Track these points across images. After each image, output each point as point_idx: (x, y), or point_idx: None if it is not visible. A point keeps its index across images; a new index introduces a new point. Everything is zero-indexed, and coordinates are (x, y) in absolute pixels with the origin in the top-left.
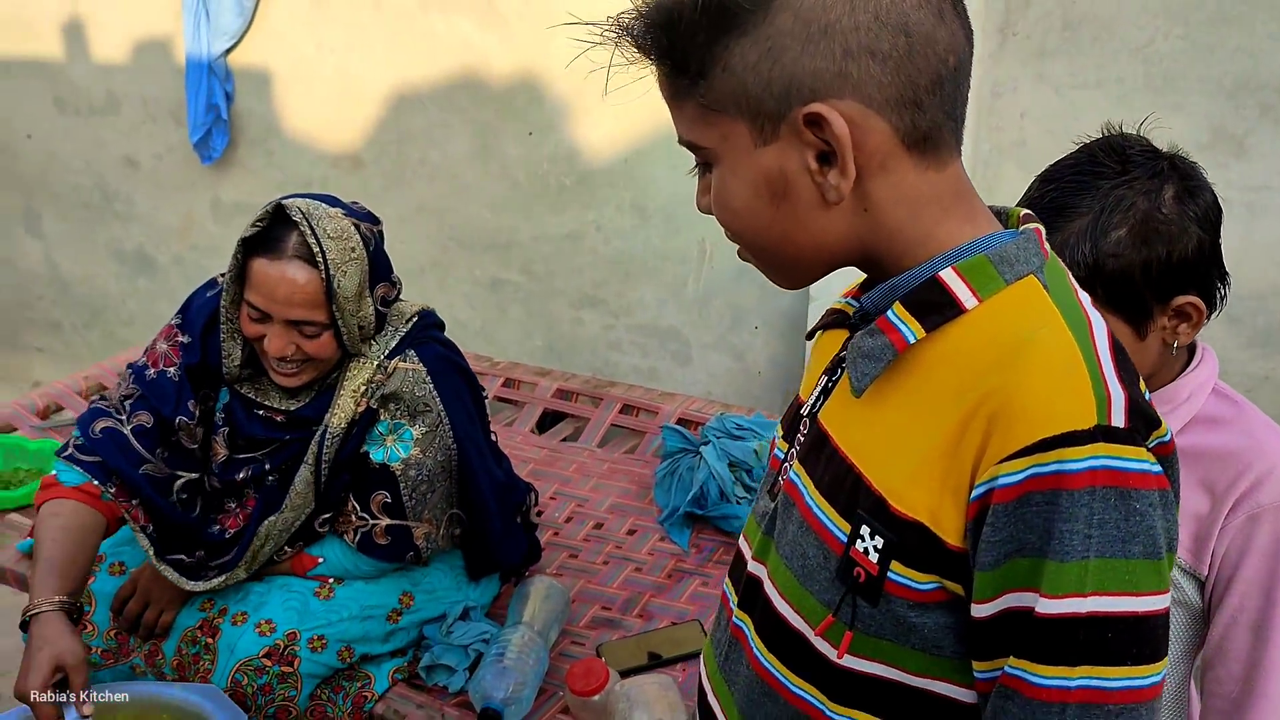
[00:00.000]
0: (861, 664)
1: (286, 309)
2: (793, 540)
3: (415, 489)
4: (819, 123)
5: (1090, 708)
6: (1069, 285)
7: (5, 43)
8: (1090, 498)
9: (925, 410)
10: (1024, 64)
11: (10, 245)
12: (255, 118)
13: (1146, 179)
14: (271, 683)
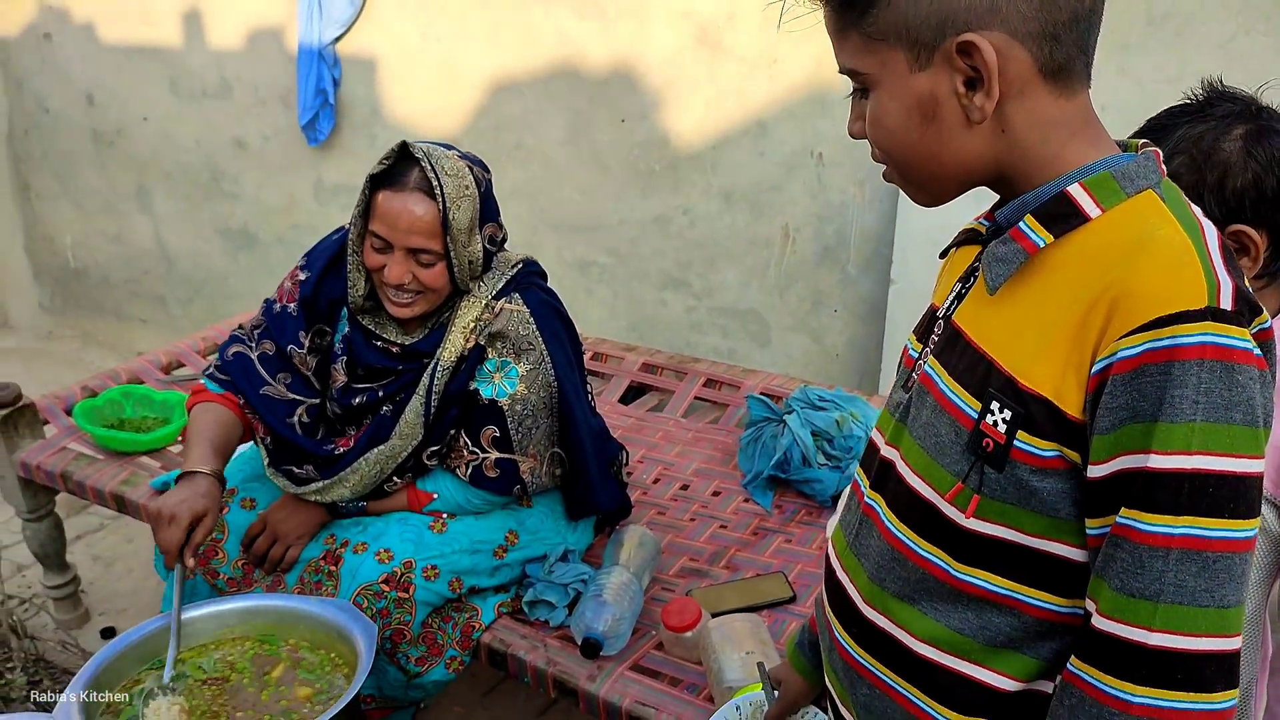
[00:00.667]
0: (986, 526)
1: (407, 237)
2: (926, 423)
3: (521, 423)
4: (969, 51)
5: (1191, 554)
6: (1183, 199)
7: (126, 30)
8: (1199, 368)
9: (1052, 302)
10: (1106, 58)
11: (121, 222)
12: (361, 102)
13: (1220, 118)
14: (389, 607)
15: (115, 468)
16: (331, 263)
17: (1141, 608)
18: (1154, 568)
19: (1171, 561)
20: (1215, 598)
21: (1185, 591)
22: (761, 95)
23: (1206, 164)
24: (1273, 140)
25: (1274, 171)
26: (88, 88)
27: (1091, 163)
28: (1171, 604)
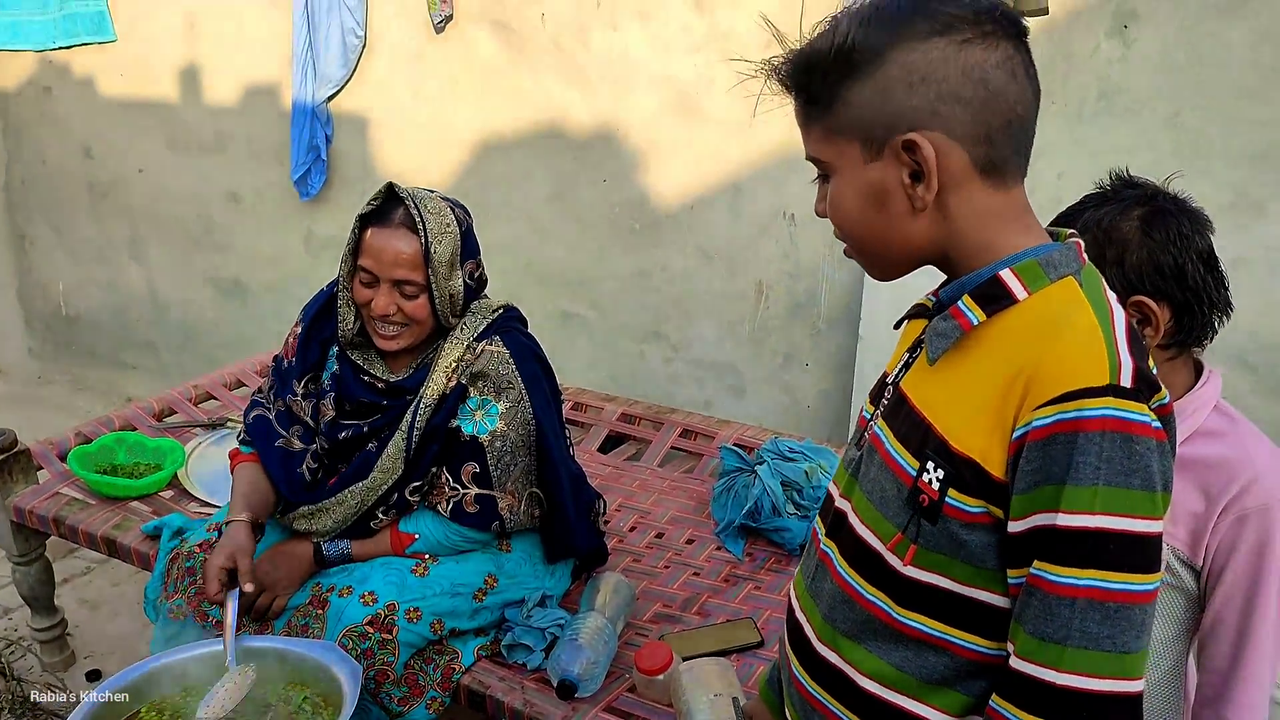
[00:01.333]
0: (922, 574)
1: (392, 269)
2: (874, 478)
3: (500, 460)
4: (913, 148)
5: (1094, 603)
6: (1100, 285)
7: (124, 85)
8: (1101, 438)
9: (982, 374)
10: (1061, 130)
11: (115, 270)
12: (352, 159)
13: (1122, 202)
14: (373, 648)
15: (107, 512)
16: (323, 309)
17: (1051, 650)
18: (1062, 615)
19: (1077, 610)
20: (1117, 644)
21: (1089, 637)
22: (737, 158)
23: (1107, 242)
24: (1167, 221)
25: (1169, 249)
26: (85, 140)
27: (1022, 250)
28: (1077, 648)
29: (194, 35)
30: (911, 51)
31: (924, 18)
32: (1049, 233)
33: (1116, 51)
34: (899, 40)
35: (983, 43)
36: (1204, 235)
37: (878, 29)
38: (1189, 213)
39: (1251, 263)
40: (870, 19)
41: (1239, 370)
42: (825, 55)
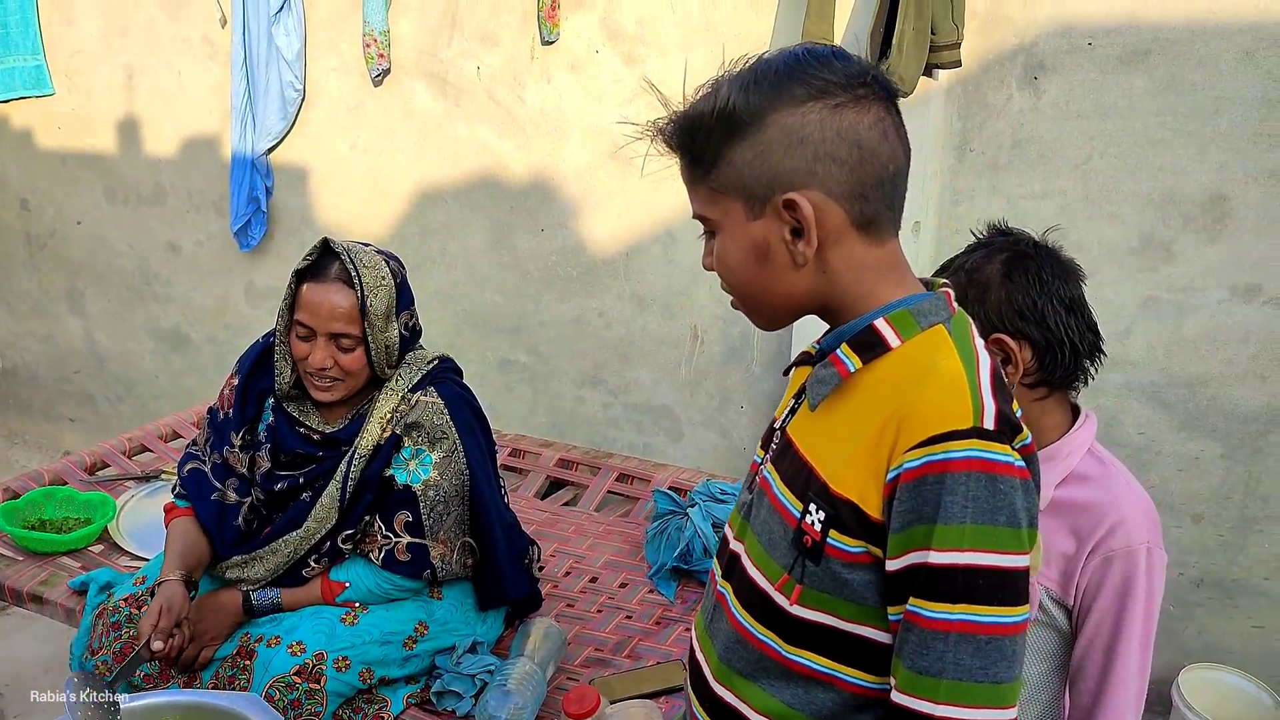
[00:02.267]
0: (808, 612)
1: (328, 323)
2: (763, 521)
3: (433, 509)
4: (792, 206)
5: (966, 636)
6: (969, 332)
7: (65, 138)
8: (967, 478)
9: (859, 418)
10: (979, 176)
11: (52, 323)
12: (291, 210)
13: (988, 249)
14: (301, 698)
15: (35, 568)
16: (259, 360)
17: (928, 684)
18: (936, 649)
19: (951, 643)
20: (989, 674)
21: (964, 669)
22: (669, 206)
23: (970, 283)
24: (1027, 265)
25: (1028, 292)
26: (22, 192)
27: (895, 300)
28: (953, 680)
29: (133, 88)
30: (790, 115)
31: (801, 83)
32: (924, 282)
33: (1028, 101)
34: (777, 104)
35: (856, 106)
36: (1069, 283)
37: (757, 94)
38: (1055, 261)
39: (1160, 302)
40: (750, 84)
41: (1154, 407)
42: (707, 118)
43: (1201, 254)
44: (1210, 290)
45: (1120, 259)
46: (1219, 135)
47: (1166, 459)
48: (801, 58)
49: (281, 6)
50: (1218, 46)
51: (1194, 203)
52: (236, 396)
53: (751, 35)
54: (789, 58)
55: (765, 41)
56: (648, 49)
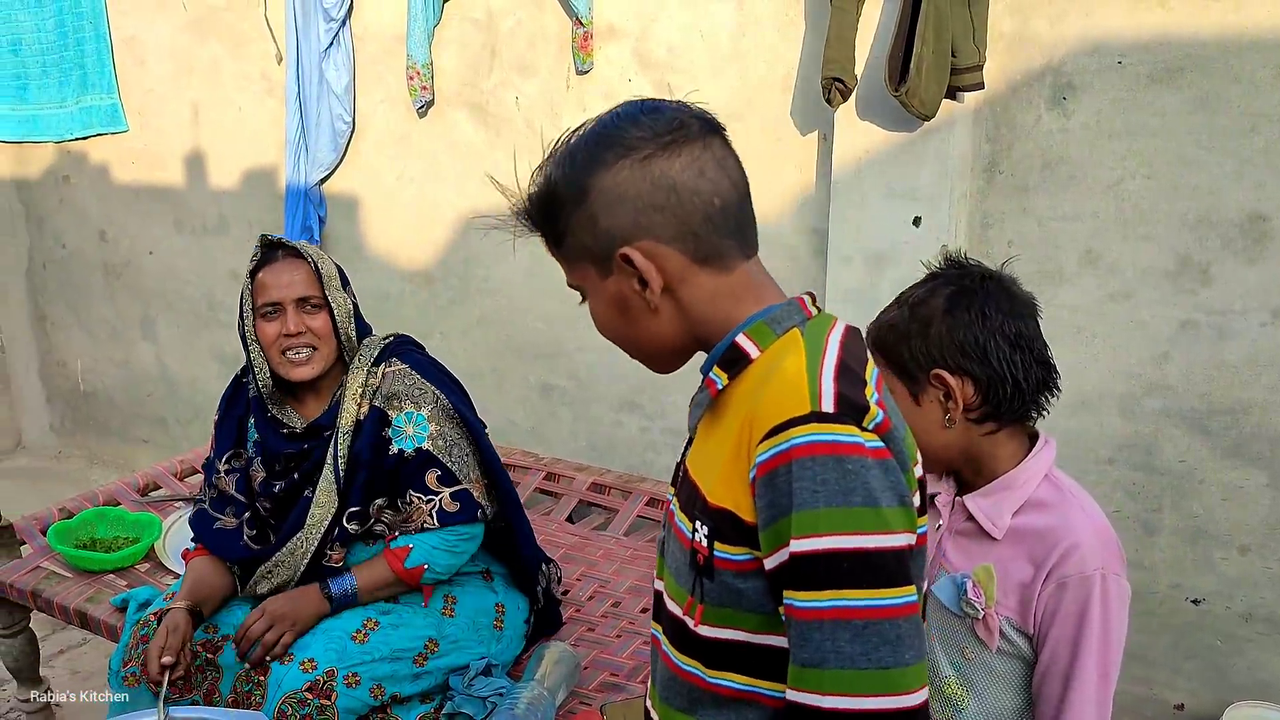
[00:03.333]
0: (714, 630)
1: (290, 290)
2: (671, 551)
3: (451, 454)
4: (628, 259)
5: (841, 623)
6: (824, 330)
7: (138, 172)
8: (813, 463)
9: (726, 430)
10: (1009, 199)
11: (127, 348)
12: (343, 238)
13: (932, 284)
14: (312, 714)
15: (82, 585)
16: (232, 392)
17: (811, 675)
18: (814, 639)
19: (826, 631)
20: (872, 660)
21: (844, 657)
22: None
23: (912, 317)
24: (971, 301)
25: (970, 328)
26: (100, 224)
27: (753, 314)
28: (834, 669)
29: (198, 124)
30: (605, 178)
31: (609, 148)
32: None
33: (1058, 122)
34: (592, 172)
35: (664, 154)
36: (1016, 318)
37: (572, 168)
38: (1003, 295)
39: (1198, 326)
40: (566, 161)
41: (1195, 434)
42: (541, 201)
43: (1241, 276)
44: (1251, 313)
45: (1156, 282)
46: (1256, 153)
47: (1210, 488)
48: (609, 123)
49: (331, 42)
50: (1253, 62)
51: (1232, 223)
52: (216, 430)
53: (780, 61)
54: (599, 127)
55: (793, 67)
56: (679, 76)
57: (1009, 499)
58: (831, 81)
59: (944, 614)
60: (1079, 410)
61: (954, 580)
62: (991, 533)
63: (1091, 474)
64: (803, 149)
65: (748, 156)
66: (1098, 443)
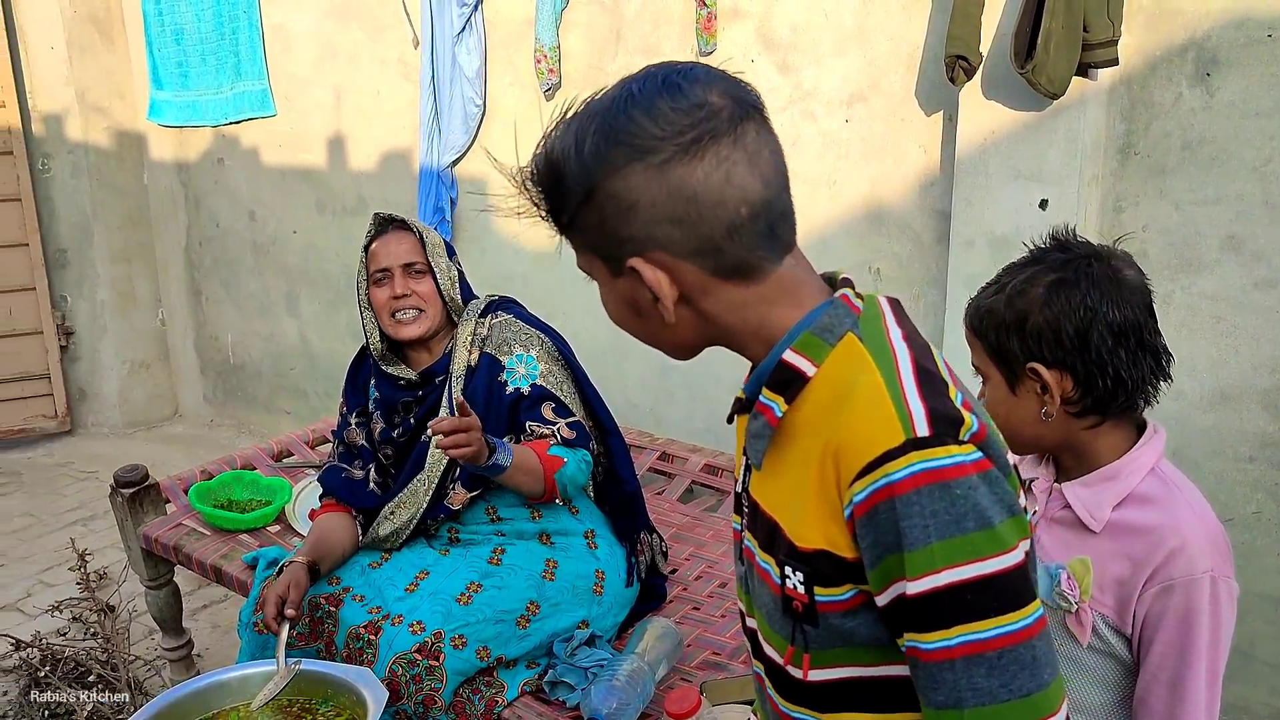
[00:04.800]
0: (828, 674)
1: (397, 257)
2: (757, 592)
3: (561, 388)
4: (637, 273)
5: (973, 658)
6: (881, 329)
7: (284, 155)
8: (918, 496)
9: (800, 463)
10: (1145, 180)
11: (273, 323)
12: (473, 218)
13: (1034, 269)
14: (421, 674)
15: (218, 543)
16: (355, 363)
17: (950, 717)
18: (946, 680)
19: (959, 670)
20: (1013, 690)
21: (982, 693)
22: (822, 214)
23: (1009, 306)
24: (1073, 292)
25: (1070, 319)
26: (250, 205)
27: (795, 325)
28: (974, 707)
29: (340, 108)
30: (614, 182)
31: (617, 144)
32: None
33: (1199, 100)
34: (599, 172)
35: (684, 157)
36: (1121, 307)
37: (579, 160)
38: (1113, 281)
39: None
40: (572, 147)
41: None
42: (545, 184)
43: None
44: None
45: None
46: None
47: None
48: (622, 108)
49: (464, 27)
50: None
51: None
52: (345, 391)
53: (905, 39)
54: (610, 112)
55: (918, 46)
56: (802, 57)
57: (1110, 491)
58: (955, 60)
59: None
60: (1218, 405)
61: (1048, 570)
62: (1090, 525)
63: (1230, 472)
64: (927, 129)
65: (871, 136)
66: (1238, 440)
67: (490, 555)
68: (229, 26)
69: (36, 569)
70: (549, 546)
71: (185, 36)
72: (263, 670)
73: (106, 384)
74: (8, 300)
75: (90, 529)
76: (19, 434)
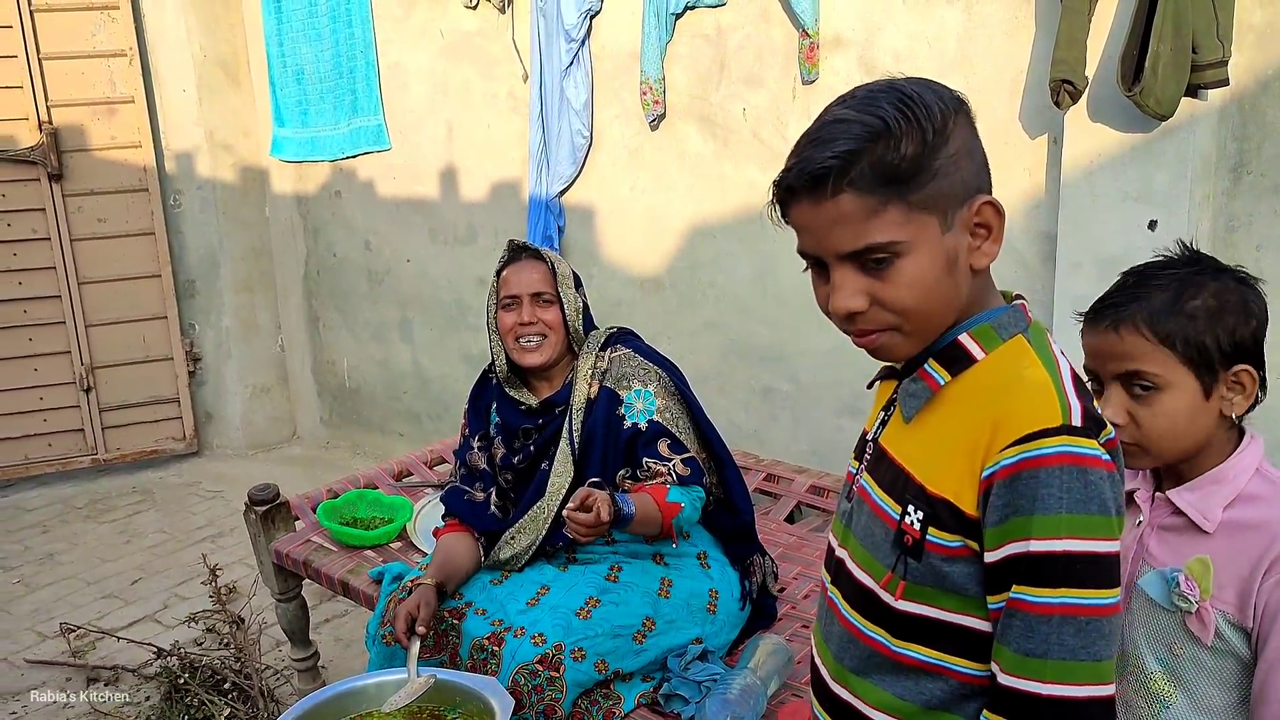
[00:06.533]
0: (913, 606)
1: (528, 285)
2: (864, 526)
3: (677, 424)
4: (990, 206)
5: (1068, 619)
6: (1047, 341)
7: (398, 186)
8: (1060, 471)
9: (952, 426)
10: (1259, 200)
11: (387, 349)
12: (580, 246)
13: (1214, 271)
14: (543, 684)
15: (345, 558)
16: (478, 385)
17: (1034, 665)
18: (1041, 631)
19: (1054, 626)
20: (1090, 653)
21: (1067, 649)
22: None
23: (1225, 312)
24: (1251, 294)
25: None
26: (365, 234)
27: (977, 315)
28: (1057, 660)
29: (451, 141)
30: (957, 128)
31: (944, 102)
32: (1001, 294)
33: None
34: (949, 117)
35: (968, 120)
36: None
37: (930, 114)
38: (1255, 292)
39: None
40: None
41: None
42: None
43: None
44: None
45: None
46: None
47: None
48: (915, 80)
49: (571, 61)
50: None
51: None
52: (467, 415)
53: (1009, 65)
54: (903, 83)
55: (1022, 70)
56: None
57: (1219, 493)
58: (1060, 83)
59: (1151, 609)
60: None
61: (1163, 575)
62: (1203, 526)
63: None
64: (1032, 152)
65: None
66: None
67: (608, 573)
68: (347, 66)
69: (171, 582)
70: (663, 566)
71: (306, 76)
72: (396, 679)
73: (230, 407)
74: (142, 328)
75: (219, 545)
76: (151, 454)
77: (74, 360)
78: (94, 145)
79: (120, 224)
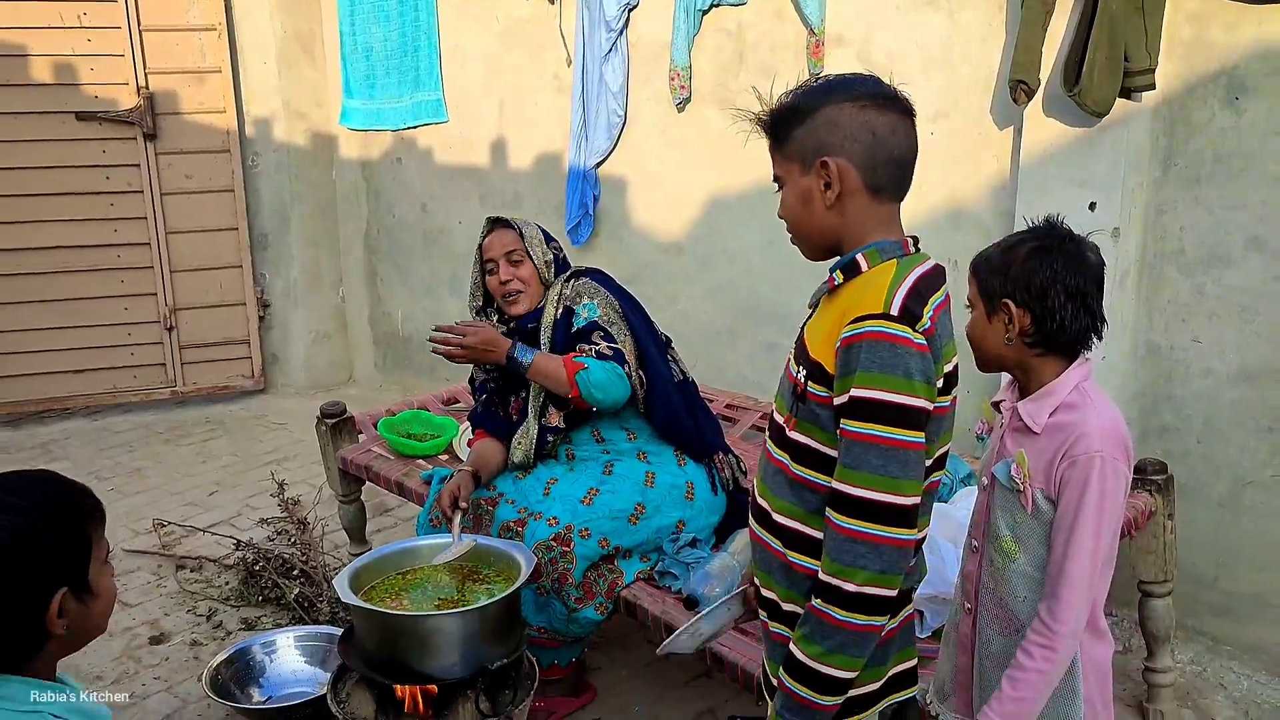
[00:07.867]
0: (799, 436)
1: (500, 249)
2: (782, 383)
3: (611, 328)
4: (825, 165)
5: (872, 445)
6: (912, 266)
7: (453, 156)
8: (874, 343)
9: (833, 311)
10: (1182, 189)
11: (437, 302)
12: (613, 215)
13: (1027, 235)
14: (557, 557)
15: (400, 465)
16: None
17: (848, 473)
18: (855, 451)
19: (864, 447)
20: (887, 471)
21: (871, 466)
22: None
23: (1002, 257)
24: (1047, 256)
25: (1038, 274)
26: (422, 199)
27: (872, 241)
28: (865, 472)
29: (503, 116)
30: (831, 109)
31: (842, 91)
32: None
33: (1229, 120)
34: (825, 101)
35: (877, 109)
36: (1078, 275)
37: (813, 97)
38: (1078, 257)
39: None
40: (812, 91)
41: None
42: (786, 110)
43: None
44: None
45: None
46: None
47: None
48: (848, 79)
49: (610, 49)
50: None
51: None
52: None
53: (984, 65)
54: (840, 77)
55: (994, 70)
56: (896, 78)
57: (1047, 403)
58: (1017, 83)
59: (1002, 490)
60: (1242, 382)
61: (1006, 464)
62: (1033, 428)
63: (1252, 441)
64: (1000, 141)
65: (953, 146)
66: (1260, 411)
67: (603, 469)
68: (411, 45)
69: (244, 495)
70: (646, 462)
71: (374, 53)
72: (443, 541)
73: (294, 350)
74: (219, 276)
75: (284, 468)
76: (224, 390)
77: (159, 302)
78: (184, 109)
79: (204, 181)
